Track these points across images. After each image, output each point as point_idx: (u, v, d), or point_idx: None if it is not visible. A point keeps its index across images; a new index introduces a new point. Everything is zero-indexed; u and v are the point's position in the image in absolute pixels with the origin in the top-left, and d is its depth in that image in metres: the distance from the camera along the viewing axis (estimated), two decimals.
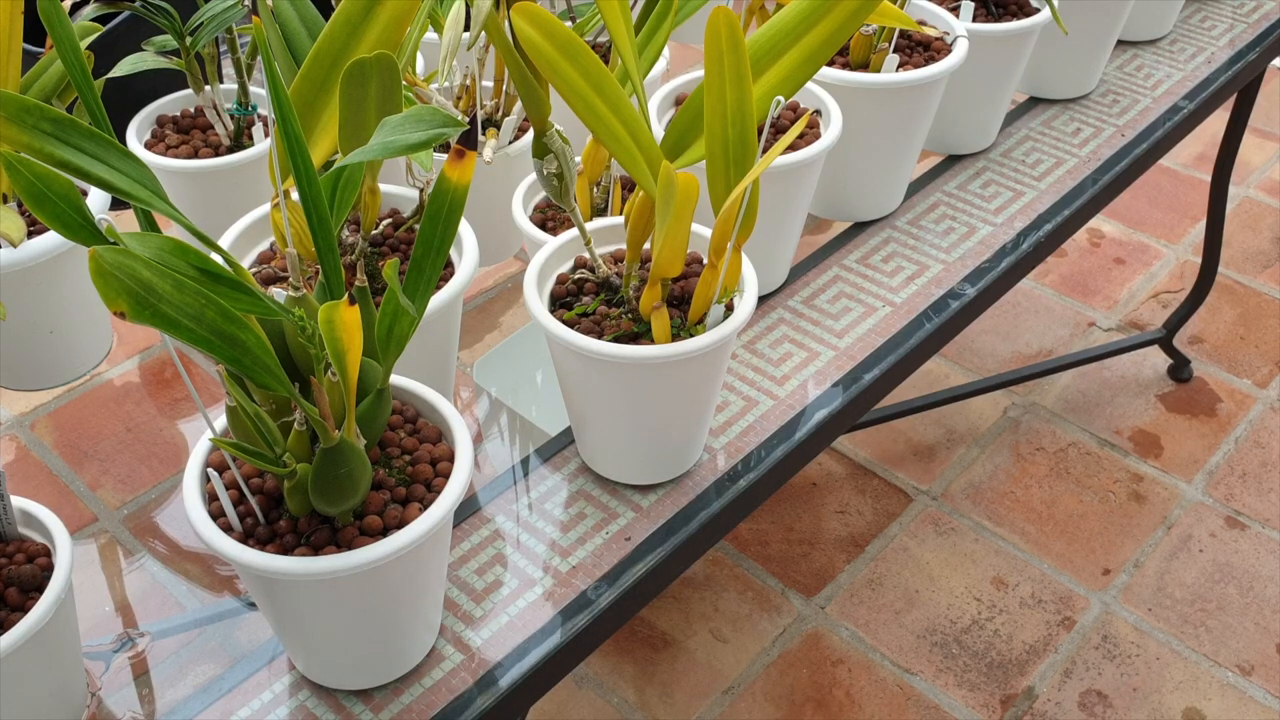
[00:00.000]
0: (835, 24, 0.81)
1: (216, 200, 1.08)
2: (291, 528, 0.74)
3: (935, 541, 1.78)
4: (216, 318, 0.62)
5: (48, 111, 0.62)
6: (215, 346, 0.63)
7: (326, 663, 0.79)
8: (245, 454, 0.69)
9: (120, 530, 1.72)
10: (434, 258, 0.71)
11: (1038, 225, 1.24)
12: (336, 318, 0.63)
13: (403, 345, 0.72)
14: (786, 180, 1.03)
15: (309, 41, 0.84)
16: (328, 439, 0.70)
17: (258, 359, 0.65)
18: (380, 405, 0.73)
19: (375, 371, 0.72)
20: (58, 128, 0.63)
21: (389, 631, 0.78)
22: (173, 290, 0.59)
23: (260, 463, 0.70)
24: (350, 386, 0.68)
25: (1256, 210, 2.43)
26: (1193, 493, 1.85)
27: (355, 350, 0.66)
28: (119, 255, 0.57)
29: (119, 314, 0.57)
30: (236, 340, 0.63)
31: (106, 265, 0.57)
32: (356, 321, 0.64)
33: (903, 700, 1.57)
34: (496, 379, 1.48)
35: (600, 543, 0.90)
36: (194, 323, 0.61)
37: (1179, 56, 1.52)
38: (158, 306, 0.59)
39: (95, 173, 0.64)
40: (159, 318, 0.59)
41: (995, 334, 2.14)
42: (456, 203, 0.69)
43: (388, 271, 0.66)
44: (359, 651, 0.78)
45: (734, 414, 1.01)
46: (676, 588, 1.72)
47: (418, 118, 0.64)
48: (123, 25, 1.17)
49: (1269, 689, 1.57)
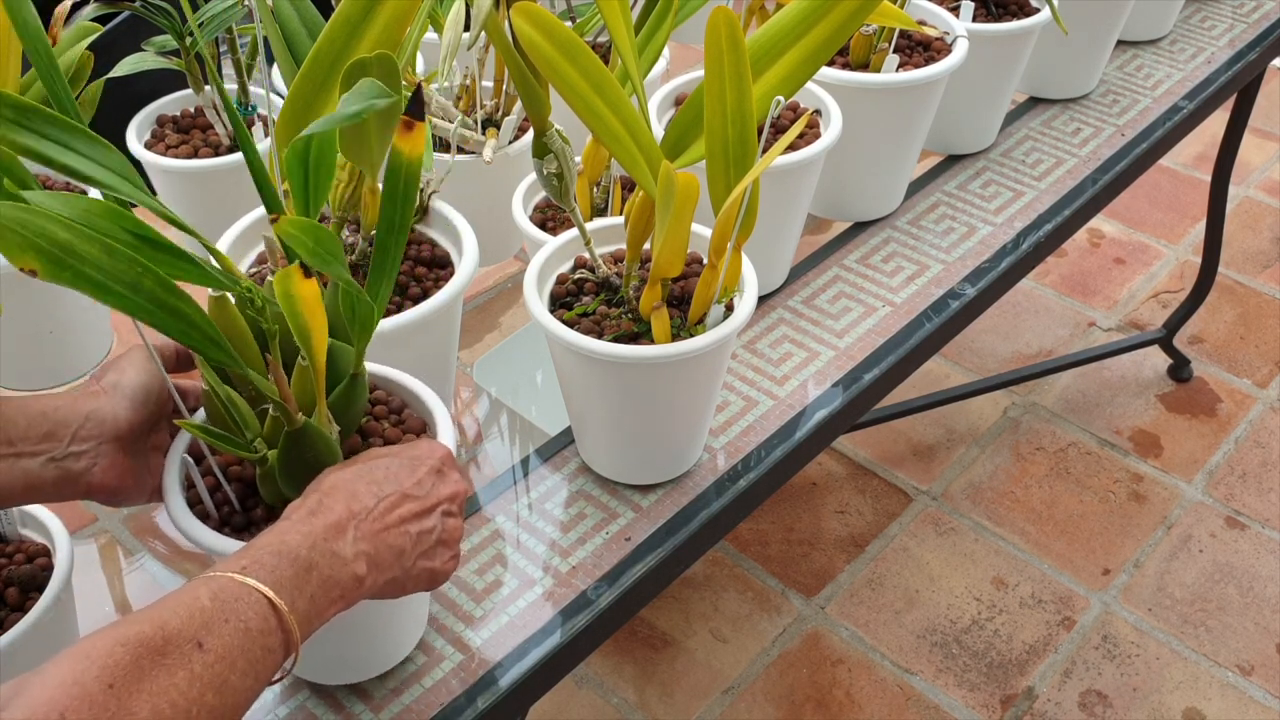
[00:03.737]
0: (835, 24, 0.81)
1: (216, 200, 1.08)
2: (268, 515, 0.73)
3: (935, 541, 1.78)
4: (154, 287, 0.59)
5: (8, 98, 0.60)
6: (156, 317, 0.60)
7: (315, 659, 0.79)
8: (212, 437, 0.68)
9: (120, 530, 1.72)
10: (397, 235, 0.69)
11: (1038, 225, 1.24)
12: (295, 291, 0.61)
13: (370, 328, 0.70)
14: (786, 180, 1.03)
15: (309, 41, 0.84)
16: (291, 422, 0.68)
17: (205, 334, 0.63)
18: (354, 391, 0.72)
19: (347, 355, 0.70)
20: (20, 114, 0.60)
21: (374, 626, 0.78)
22: (101, 254, 0.57)
23: (228, 447, 0.68)
24: (319, 368, 0.66)
25: (1256, 210, 2.43)
26: (1193, 493, 1.85)
27: (320, 329, 0.63)
28: (24, 213, 0.54)
29: (29, 272, 0.54)
30: (179, 311, 0.61)
31: (4, 221, 0.54)
32: (316, 296, 0.62)
33: (903, 700, 1.57)
34: (496, 379, 1.48)
35: (600, 543, 0.90)
36: (129, 290, 0.58)
37: (1179, 56, 1.52)
38: (79, 269, 0.56)
39: (60, 159, 0.61)
40: (83, 280, 0.56)
41: (995, 334, 2.14)
42: (412, 176, 0.67)
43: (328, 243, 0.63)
44: (344, 647, 0.78)
45: (734, 414, 1.01)
46: (676, 588, 1.71)
47: (359, 91, 0.62)
48: (123, 25, 1.17)
49: (1269, 689, 1.57)
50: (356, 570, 0.64)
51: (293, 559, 0.61)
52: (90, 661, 0.52)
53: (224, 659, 0.56)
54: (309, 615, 0.61)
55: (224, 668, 0.56)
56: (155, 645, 0.54)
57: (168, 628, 0.55)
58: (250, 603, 0.58)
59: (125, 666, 0.52)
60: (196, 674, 0.54)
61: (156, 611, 0.56)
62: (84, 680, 0.51)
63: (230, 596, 0.58)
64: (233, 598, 0.58)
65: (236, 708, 0.57)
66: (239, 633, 0.57)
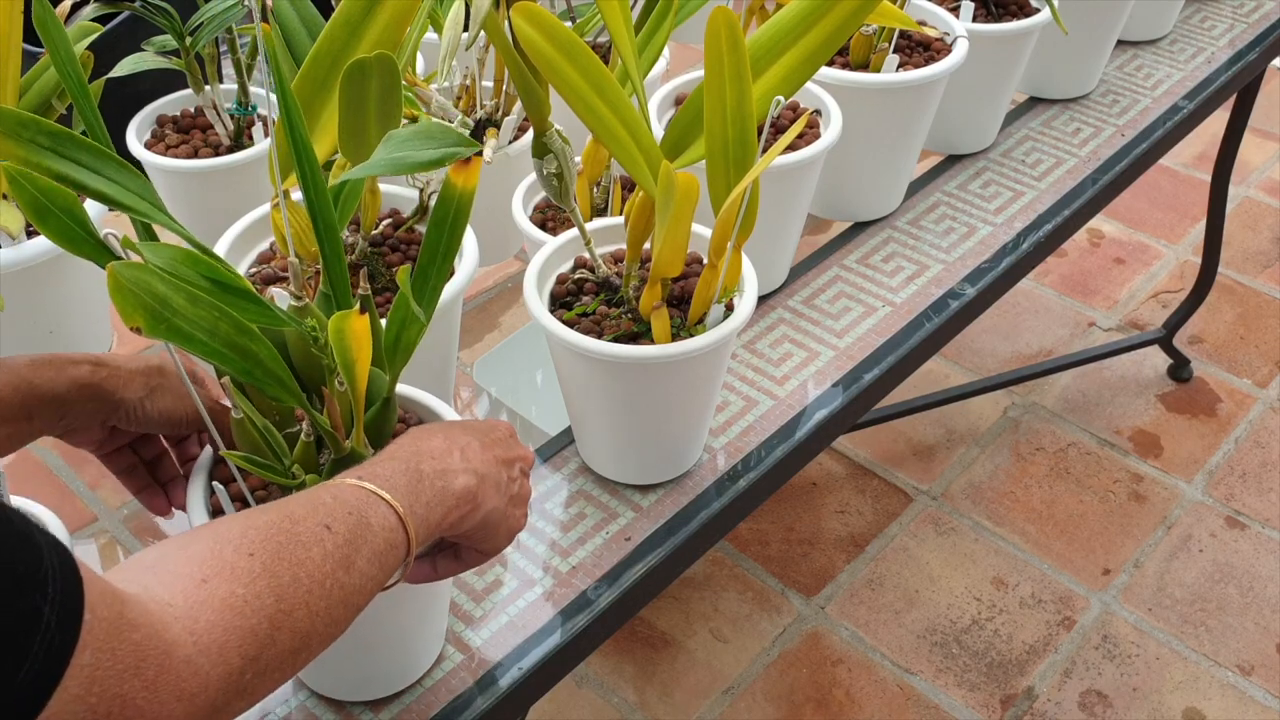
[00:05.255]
0: (835, 24, 0.81)
1: (216, 200, 1.08)
2: None
3: (935, 541, 1.78)
4: (230, 330, 0.61)
5: (44, 125, 0.62)
6: (228, 359, 0.62)
7: (337, 677, 0.79)
8: (256, 467, 0.68)
9: (120, 530, 1.72)
10: (440, 263, 0.71)
11: (1038, 225, 1.24)
12: (347, 328, 0.62)
13: (410, 352, 0.72)
14: (786, 180, 1.03)
15: (309, 41, 0.84)
16: (339, 449, 0.69)
17: (270, 371, 0.65)
18: (387, 413, 0.73)
19: (381, 380, 0.72)
20: (55, 141, 0.62)
21: (400, 643, 0.78)
22: (187, 304, 0.59)
23: (270, 475, 0.69)
24: (359, 396, 0.68)
25: (1256, 210, 2.43)
26: (1193, 493, 1.85)
27: (364, 359, 0.65)
28: (136, 270, 0.56)
29: (135, 329, 0.57)
30: (249, 353, 0.63)
31: (125, 281, 0.56)
32: (366, 331, 0.64)
33: (903, 700, 1.57)
34: (496, 379, 1.48)
35: (600, 543, 0.90)
36: (208, 336, 0.60)
37: (1179, 56, 1.52)
38: (172, 320, 0.58)
39: (93, 185, 0.63)
40: (174, 332, 0.58)
41: (995, 334, 2.13)
42: (463, 208, 0.69)
43: (401, 277, 0.66)
44: (369, 666, 0.78)
45: (734, 414, 1.01)
46: (676, 588, 1.71)
47: (428, 134, 0.63)
48: (123, 25, 1.17)
49: (1269, 689, 1.57)
50: (468, 482, 0.66)
51: (404, 469, 0.64)
52: (225, 540, 0.54)
53: (350, 542, 0.58)
54: (427, 520, 0.63)
55: (350, 550, 0.58)
56: (285, 526, 0.56)
57: (294, 515, 0.57)
58: (370, 502, 0.61)
59: (261, 542, 0.55)
60: (329, 551, 0.57)
61: (278, 504, 0.58)
62: (222, 553, 0.53)
63: (350, 496, 0.60)
64: (352, 497, 0.60)
65: (362, 590, 0.59)
66: (361, 524, 0.59)
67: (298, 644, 0.54)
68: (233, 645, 0.50)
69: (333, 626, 0.57)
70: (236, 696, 0.51)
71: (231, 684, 0.50)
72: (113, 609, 0.46)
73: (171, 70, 1.07)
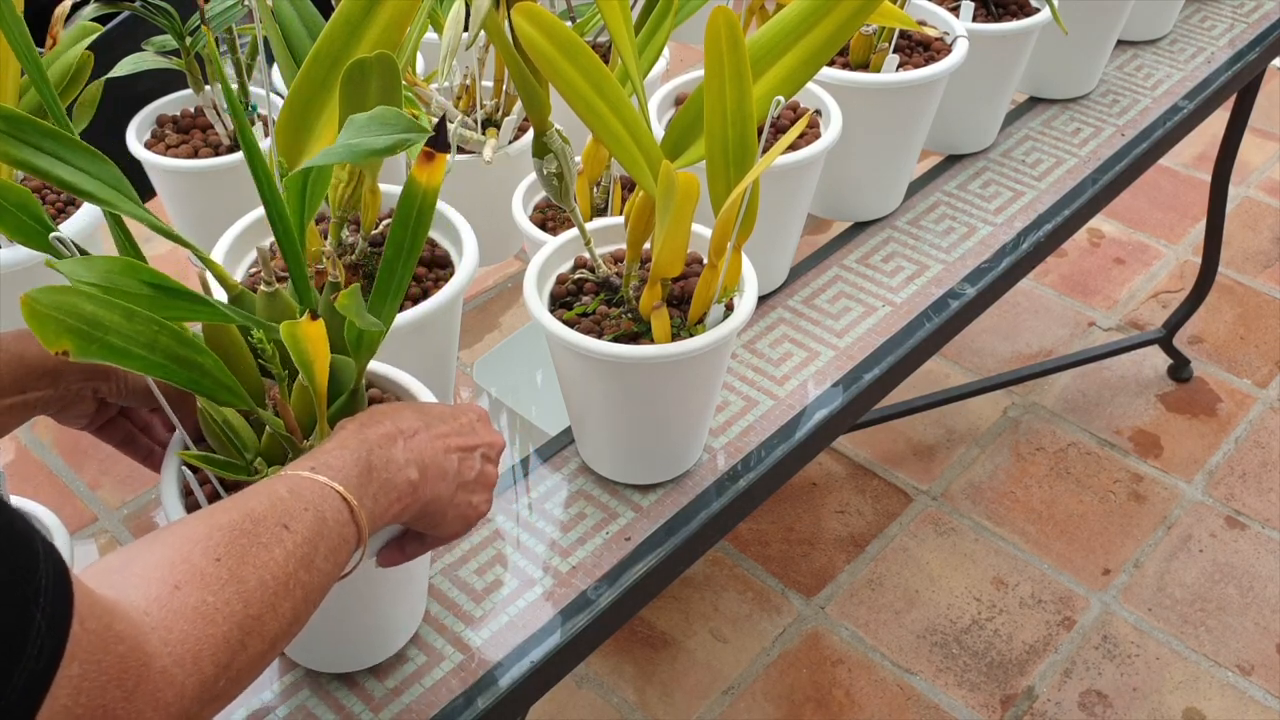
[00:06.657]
0: (835, 24, 0.81)
1: (216, 200, 1.08)
2: None
3: (935, 541, 1.78)
4: (171, 343, 0.60)
5: (1, 109, 0.59)
6: (172, 372, 0.61)
7: (312, 644, 0.80)
8: (213, 465, 0.69)
9: (120, 530, 1.72)
10: (405, 260, 0.70)
11: (1038, 225, 1.24)
12: (300, 333, 0.62)
13: (374, 348, 0.71)
14: (786, 180, 1.03)
15: (309, 41, 0.84)
16: (296, 451, 0.70)
17: (217, 380, 0.64)
18: (354, 405, 0.73)
19: (349, 370, 0.71)
20: (13, 126, 0.59)
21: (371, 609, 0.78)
22: (122, 320, 0.57)
23: (228, 472, 0.69)
24: (320, 394, 0.67)
25: (1256, 210, 2.43)
26: (1193, 493, 1.85)
27: (322, 359, 0.65)
28: (59, 294, 0.54)
29: (62, 353, 0.54)
30: (193, 364, 0.62)
31: (42, 308, 0.53)
32: (321, 335, 0.63)
33: (903, 700, 1.57)
34: (496, 379, 1.48)
35: (600, 543, 0.90)
36: (147, 350, 0.59)
37: (1179, 56, 1.52)
38: (105, 339, 0.56)
39: (56, 173, 0.60)
40: (108, 350, 0.57)
41: (995, 334, 2.14)
42: (426, 205, 0.68)
43: (342, 302, 0.64)
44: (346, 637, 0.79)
45: (734, 414, 1.01)
46: (676, 588, 1.71)
47: (383, 120, 0.62)
48: (123, 25, 1.17)
49: (1269, 689, 1.57)
50: (410, 475, 0.67)
51: (355, 460, 0.64)
52: (192, 543, 0.55)
53: (309, 540, 0.59)
54: (374, 513, 0.64)
55: (309, 549, 0.59)
56: (247, 528, 0.57)
57: (254, 514, 0.58)
58: (324, 495, 0.61)
59: (226, 544, 0.55)
60: (289, 551, 0.58)
61: (238, 501, 0.59)
62: (191, 557, 0.54)
63: (305, 490, 0.61)
64: (308, 491, 0.61)
65: (322, 587, 0.60)
66: (318, 520, 0.60)
67: (265, 646, 0.56)
68: (206, 654, 0.52)
69: (296, 625, 0.58)
70: (210, 702, 0.53)
71: (206, 691, 0.52)
72: (101, 621, 0.47)
73: (171, 70, 1.07)
